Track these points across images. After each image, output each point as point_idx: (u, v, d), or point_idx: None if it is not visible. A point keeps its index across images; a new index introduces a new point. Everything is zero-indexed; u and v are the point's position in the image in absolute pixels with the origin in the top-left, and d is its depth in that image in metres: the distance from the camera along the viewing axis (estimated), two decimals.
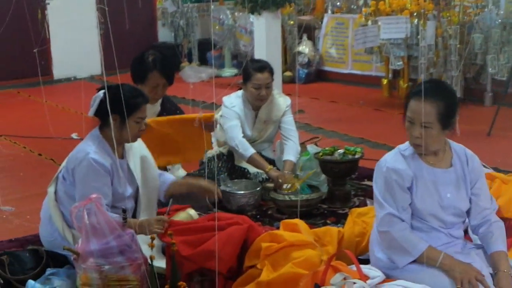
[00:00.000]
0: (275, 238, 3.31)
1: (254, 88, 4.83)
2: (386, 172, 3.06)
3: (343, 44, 10.07)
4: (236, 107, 4.91)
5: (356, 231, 3.69)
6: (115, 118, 3.40)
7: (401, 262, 3.02)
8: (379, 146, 6.33)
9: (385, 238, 3.06)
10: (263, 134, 5.08)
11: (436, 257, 2.96)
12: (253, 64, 4.94)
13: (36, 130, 7.25)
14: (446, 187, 3.08)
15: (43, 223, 3.69)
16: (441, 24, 7.84)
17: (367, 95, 9.07)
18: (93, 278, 2.97)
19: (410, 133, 3.08)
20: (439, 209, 3.07)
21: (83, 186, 3.39)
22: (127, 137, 3.48)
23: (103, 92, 3.41)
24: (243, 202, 4.58)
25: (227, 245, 3.26)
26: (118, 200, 3.53)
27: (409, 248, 2.99)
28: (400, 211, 3.03)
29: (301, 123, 7.48)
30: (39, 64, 9.52)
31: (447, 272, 2.92)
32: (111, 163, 3.45)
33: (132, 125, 3.46)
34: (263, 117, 5.02)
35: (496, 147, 6.11)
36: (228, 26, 10.84)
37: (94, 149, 3.44)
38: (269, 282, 3.08)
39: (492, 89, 8.00)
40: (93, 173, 3.38)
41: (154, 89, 4.44)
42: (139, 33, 11.65)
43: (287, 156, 4.86)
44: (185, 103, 6.93)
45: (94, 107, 3.45)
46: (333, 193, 4.76)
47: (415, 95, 3.00)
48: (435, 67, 7.90)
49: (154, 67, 4.42)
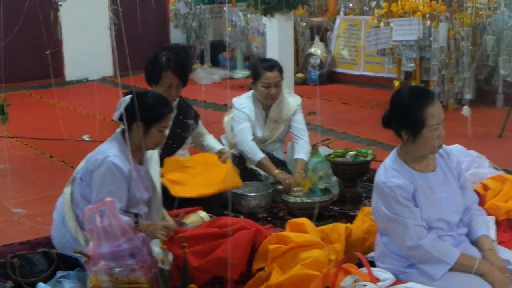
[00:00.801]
0: (282, 239, 3.30)
1: (263, 86, 4.84)
2: (389, 192, 3.00)
3: (355, 45, 10.05)
4: (246, 108, 4.92)
5: (364, 228, 3.70)
6: (139, 125, 3.39)
7: (437, 273, 2.95)
8: (391, 148, 6.19)
9: (417, 253, 2.98)
10: (274, 133, 5.09)
11: (472, 263, 2.95)
12: (262, 63, 4.98)
13: (48, 132, 7.28)
14: (440, 188, 3.08)
15: (55, 224, 3.68)
16: (454, 26, 7.81)
17: (379, 97, 9.03)
18: (104, 281, 2.98)
19: (436, 137, 2.99)
20: (441, 211, 3.06)
21: (99, 189, 3.38)
22: (148, 144, 3.49)
23: (130, 97, 3.39)
24: (254, 205, 4.58)
25: (236, 251, 3.26)
26: (133, 204, 3.53)
27: (444, 257, 2.95)
28: (421, 222, 3.00)
29: (313, 124, 7.47)
30: (51, 65, 9.58)
31: (485, 276, 2.92)
32: (129, 168, 3.44)
33: (155, 134, 3.46)
34: (274, 116, 5.03)
35: (508, 149, 6.07)
36: (241, 27, 10.85)
37: (115, 152, 3.43)
38: (279, 285, 3.08)
39: (503, 91, 7.96)
40: (111, 176, 3.38)
41: (168, 89, 4.45)
42: (151, 35, 11.67)
43: (298, 154, 4.90)
44: (197, 104, 6.95)
45: (120, 111, 3.41)
46: (345, 195, 4.75)
47: (428, 102, 2.97)
48: (447, 69, 7.87)
49: (168, 67, 4.44)
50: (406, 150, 3.09)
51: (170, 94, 4.45)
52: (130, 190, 3.48)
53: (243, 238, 3.32)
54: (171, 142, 4.61)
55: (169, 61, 4.45)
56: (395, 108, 3.07)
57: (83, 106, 8.66)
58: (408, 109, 2.96)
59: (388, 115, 3.08)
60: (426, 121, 2.94)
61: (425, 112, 2.94)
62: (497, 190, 3.77)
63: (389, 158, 3.15)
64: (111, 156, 3.39)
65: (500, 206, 3.60)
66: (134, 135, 3.41)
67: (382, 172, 3.10)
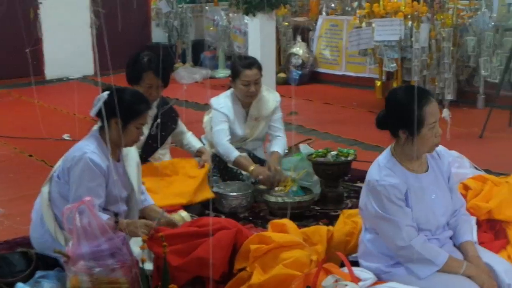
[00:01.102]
0: (264, 239, 3.29)
1: (243, 84, 4.84)
2: (382, 190, 2.99)
3: (337, 46, 10.07)
4: (224, 108, 4.90)
5: (345, 231, 3.69)
6: (117, 122, 3.38)
7: (425, 273, 2.97)
8: (372, 148, 6.33)
9: (406, 253, 2.99)
10: (255, 131, 5.08)
11: (460, 265, 2.98)
12: (241, 61, 4.97)
13: (27, 131, 7.21)
14: (431, 190, 3.09)
15: (34, 224, 3.65)
16: (435, 27, 7.86)
17: (360, 97, 9.08)
18: (84, 281, 2.95)
19: (434, 135, 3.01)
20: (430, 213, 3.07)
21: (77, 186, 3.37)
22: (125, 141, 3.47)
23: (107, 94, 3.38)
24: (236, 204, 4.58)
25: (216, 250, 3.24)
26: (112, 202, 3.52)
27: (433, 259, 2.96)
28: (412, 222, 3.01)
29: (294, 124, 7.47)
30: (31, 64, 9.50)
31: (473, 278, 2.95)
32: (107, 164, 3.44)
33: (132, 131, 3.45)
34: (254, 114, 5.03)
35: (488, 149, 6.12)
36: (222, 27, 10.83)
37: (92, 148, 3.42)
38: (261, 285, 3.07)
39: (484, 92, 8.02)
40: (89, 173, 3.37)
41: (149, 90, 4.41)
42: (133, 34, 11.61)
43: (274, 147, 4.99)
44: (179, 104, 6.92)
45: (97, 107, 3.41)
46: (326, 195, 4.75)
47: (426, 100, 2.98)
48: (428, 69, 7.91)
49: (149, 68, 4.40)
50: (401, 150, 3.09)
51: (151, 94, 4.41)
52: (107, 188, 3.46)
53: (224, 238, 3.30)
54: (151, 142, 4.58)
55: (150, 62, 4.41)
56: (392, 108, 3.06)
57: (63, 105, 8.59)
58: (407, 109, 2.95)
59: (384, 116, 3.08)
60: (425, 120, 2.95)
61: (424, 111, 2.95)
62: (478, 190, 3.78)
63: (383, 157, 3.15)
64: (89, 153, 3.38)
65: (481, 206, 3.62)
66: (112, 132, 3.41)
67: (375, 170, 3.09)
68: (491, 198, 3.73)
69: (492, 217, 3.67)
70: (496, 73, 7.59)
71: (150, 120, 4.55)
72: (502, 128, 6.95)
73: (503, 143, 6.49)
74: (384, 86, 8.93)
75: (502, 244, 3.54)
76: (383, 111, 3.11)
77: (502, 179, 3.94)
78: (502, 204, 3.68)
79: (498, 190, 3.78)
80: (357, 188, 5.10)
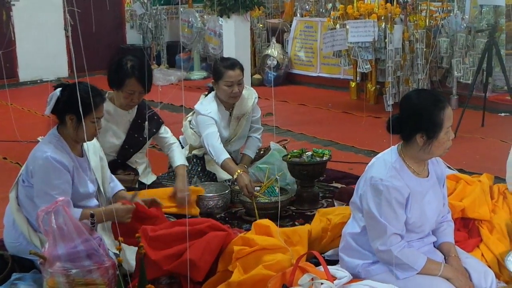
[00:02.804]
0: (247, 242, 3.32)
1: (226, 85, 4.84)
2: (385, 191, 2.99)
3: (312, 47, 10.12)
4: (212, 113, 4.89)
5: (320, 227, 3.76)
6: (72, 118, 3.41)
7: (403, 275, 3.03)
8: (347, 149, 6.37)
9: (385, 256, 3.04)
10: (238, 130, 5.10)
11: (437, 268, 3.03)
12: (223, 62, 4.96)
13: (1, 134, 7.15)
14: (430, 194, 3.14)
15: (6, 229, 3.64)
16: (408, 28, 7.93)
17: (335, 98, 9.13)
18: (60, 282, 2.94)
19: (448, 139, 3.05)
20: (425, 218, 3.11)
21: (44, 185, 3.38)
22: (83, 136, 3.47)
23: (59, 91, 3.41)
24: (212, 205, 4.58)
25: (205, 253, 3.28)
26: (80, 198, 3.53)
27: (411, 263, 3.01)
28: (402, 229, 3.04)
29: (270, 125, 7.49)
30: (4, 66, 9.39)
31: (451, 280, 3.01)
32: (70, 161, 3.45)
33: (88, 125, 3.44)
34: (236, 114, 5.05)
35: (461, 149, 6.18)
36: (197, 29, 10.82)
37: (52, 148, 3.43)
38: (240, 283, 3.10)
39: (457, 92, 8.10)
40: (53, 171, 3.38)
41: (130, 96, 4.34)
42: (107, 35, 11.58)
43: (247, 151, 5.11)
44: (154, 105, 6.89)
45: (51, 106, 3.44)
46: (301, 195, 4.77)
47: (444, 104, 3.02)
48: (402, 70, 7.98)
49: (132, 74, 4.30)
50: (411, 153, 3.09)
51: (132, 100, 4.36)
52: (74, 185, 3.48)
53: (214, 241, 3.33)
54: (128, 147, 4.51)
55: (134, 68, 4.30)
56: (409, 113, 3.04)
57: (37, 107, 8.50)
58: (427, 113, 2.98)
59: (397, 120, 3.05)
60: (443, 124, 2.99)
61: (442, 115, 2.98)
62: (451, 189, 3.83)
63: (390, 155, 3.12)
64: (50, 152, 3.40)
65: (455, 204, 3.66)
66: (68, 128, 3.45)
67: (381, 168, 3.08)
68: (464, 197, 3.78)
69: (465, 216, 3.73)
70: (469, 74, 7.67)
71: (128, 124, 4.50)
72: (475, 128, 7.03)
73: (476, 143, 6.57)
74: (358, 87, 9.00)
75: (476, 242, 3.60)
76: (395, 115, 3.09)
77: (475, 178, 3.99)
78: (475, 203, 3.73)
79: (471, 189, 3.84)
80: (332, 188, 5.14)
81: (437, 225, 3.25)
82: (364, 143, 6.50)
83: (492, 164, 5.42)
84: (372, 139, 6.47)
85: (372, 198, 3.03)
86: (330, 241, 3.69)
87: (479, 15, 7.83)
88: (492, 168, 4.98)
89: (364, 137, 6.74)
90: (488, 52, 6.90)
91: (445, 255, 3.18)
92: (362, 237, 3.16)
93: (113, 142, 4.45)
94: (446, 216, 3.31)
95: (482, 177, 4.00)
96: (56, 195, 3.33)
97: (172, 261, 3.26)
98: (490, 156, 6.00)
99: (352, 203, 3.25)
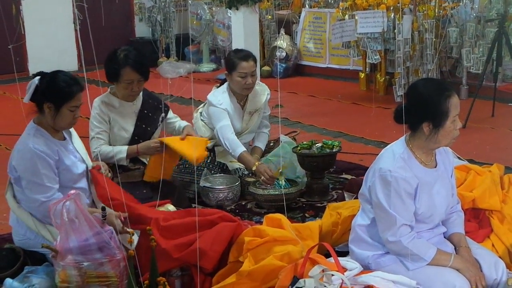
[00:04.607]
0: (259, 233, 3.33)
1: (240, 77, 4.86)
2: (393, 182, 2.99)
3: (321, 38, 10.09)
4: (223, 104, 4.91)
5: (331, 221, 3.76)
6: (49, 106, 3.43)
7: (413, 266, 3.04)
8: (357, 140, 6.37)
9: (395, 247, 3.05)
10: (250, 125, 5.12)
11: (447, 259, 3.03)
12: (236, 54, 4.98)
13: (12, 128, 7.16)
14: (438, 185, 3.13)
15: (14, 228, 3.66)
16: (417, 18, 7.90)
17: (344, 89, 9.11)
18: (72, 275, 2.96)
19: (455, 128, 3.03)
20: (434, 208, 3.11)
21: (32, 175, 3.40)
22: (60, 125, 3.51)
23: (38, 79, 3.43)
24: (222, 197, 4.59)
25: (216, 243, 3.29)
26: (75, 180, 3.58)
27: (421, 254, 3.02)
28: (411, 220, 3.04)
29: (280, 117, 7.49)
30: (14, 60, 9.45)
31: (460, 271, 3.01)
32: (53, 147, 3.48)
33: (66, 113, 3.46)
34: (249, 109, 5.07)
35: (471, 140, 6.17)
36: (206, 21, 10.83)
37: (32, 138, 3.46)
38: (250, 273, 3.10)
39: (467, 82, 8.07)
40: (39, 161, 3.40)
41: (129, 85, 4.33)
42: (116, 29, 11.59)
43: (257, 143, 5.14)
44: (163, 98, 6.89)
45: (29, 94, 3.45)
46: (312, 186, 4.78)
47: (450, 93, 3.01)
48: (411, 61, 7.96)
49: (126, 63, 4.28)
50: (419, 143, 3.09)
51: (132, 90, 4.35)
52: (65, 167, 3.50)
53: (224, 232, 3.35)
54: (137, 138, 4.49)
55: (127, 57, 4.29)
56: (416, 101, 3.03)
57: None
58: (433, 102, 2.98)
59: (404, 110, 3.01)
60: (450, 112, 2.98)
61: (449, 103, 2.98)
62: (461, 180, 3.82)
63: (398, 146, 3.13)
64: (31, 143, 3.43)
65: (465, 195, 3.66)
66: (46, 116, 3.47)
67: (389, 159, 3.07)
68: (474, 187, 3.77)
69: (476, 206, 3.72)
70: (479, 63, 7.65)
71: (134, 116, 4.50)
72: (485, 119, 7.01)
73: (486, 133, 6.55)
74: (368, 78, 8.98)
75: (486, 233, 3.59)
76: (402, 104, 3.08)
77: (485, 169, 3.98)
78: (485, 193, 3.72)
79: (481, 179, 3.82)
80: (342, 180, 5.14)
81: (447, 215, 3.25)
82: (373, 134, 6.49)
83: (503, 154, 5.41)
84: (382, 130, 6.46)
85: (381, 190, 3.03)
86: (341, 235, 3.68)
87: (488, 5, 7.79)
88: (503, 158, 4.98)
89: (373, 128, 6.73)
90: (498, 41, 6.87)
91: (455, 246, 3.18)
92: (372, 229, 3.17)
93: (123, 135, 4.45)
94: (455, 207, 3.31)
95: (493, 167, 3.99)
96: (47, 184, 3.38)
97: (182, 250, 3.28)
98: (500, 146, 5.99)
99: (361, 195, 3.25)
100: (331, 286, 2.79)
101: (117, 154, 4.31)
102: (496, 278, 3.05)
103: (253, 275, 3.10)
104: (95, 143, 4.34)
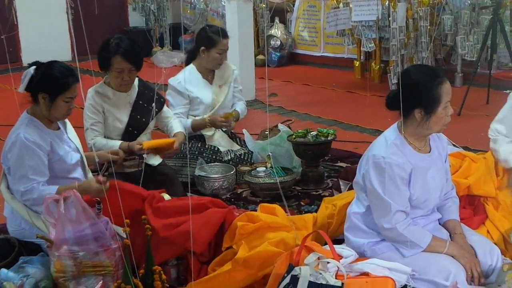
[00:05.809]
0: (251, 218, 3.35)
1: (219, 53, 4.99)
2: (387, 168, 2.99)
3: (315, 27, 10.07)
4: (181, 82, 5.01)
5: (327, 214, 3.75)
6: (44, 97, 3.42)
7: (408, 253, 3.05)
8: (352, 128, 6.37)
9: (391, 234, 3.05)
10: (221, 97, 5.16)
11: (442, 246, 3.04)
12: (213, 29, 5.10)
13: (6, 118, 7.14)
14: (432, 170, 3.14)
15: (8, 219, 3.66)
16: (412, 6, 7.88)
17: (339, 77, 9.11)
18: (68, 265, 2.96)
19: (446, 114, 3.04)
20: (428, 194, 3.12)
21: (17, 166, 3.40)
22: (54, 115, 3.50)
23: (33, 68, 3.41)
24: (217, 186, 4.60)
25: (204, 227, 3.30)
26: (70, 170, 3.57)
27: (417, 241, 3.02)
28: (406, 206, 3.04)
29: (274, 106, 7.49)
30: (7, 51, 9.40)
31: (455, 257, 3.02)
32: (45, 137, 3.47)
33: (61, 104, 3.46)
34: (218, 82, 5.15)
35: (466, 127, 6.18)
36: (200, 10, 10.79)
37: (24, 127, 3.44)
38: (246, 260, 3.12)
39: (462, 70, 8.07)
40: (27, 152, 3.39)
41: (120, 74, 4.28)
42: (109, 18, 11.54)
43: (235, 107, 5.24)
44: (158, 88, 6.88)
45: (24, 83, 3.43)
46: (307, 175, 4.78)
47: (442, 79, 3.01)
48: (406, 49, 7.95)
49: (116, 52, 4.24)
50: (411, 129, 3.09)
51: (123, 79, 4.31)
52: (58, 159, 3.49)
53: (214, 217, 3.37)
54: (131, 129, 4.47)
55: (119, 46, 4.25)
56: (408, 88, 2.97)
57: None
58: (424, 88, 2.98)
59: (396, 96, 2.99)
60: (441, 98, 2.98)
61: (441, 89, 2.98)
62: (456, 167, 3.83)
63: (391, 133, 3.13)
64: (22, 132, 3.41)
65: (460, 182, 3.66)
66: (40, 107, 3.46)
67: (382, 146, 3.07)
68: (469, 174, 3.78)
69: (471, 193, 3.73)
70: (473, 51, 7.64)
71: (129, 107, 4.46)
72: (479, 106, 7.01)
73: (480, 121, 6.54)
74: (363, 66, 8.97)
75: (481, 219, 3.60)
76: (394, 91, 3.09)
77: (480, 156, 3.98)
78: (480, 180, 3.73)
79: (476, 166, 3.83)
80: (337, 168, 5.15)
81: (442, 201, 3.26)
82: (368, 122, 6.49)
83: None
84: (377, 118, 6.45)
85: (375, 176, 3.03)
86: (338, 226, 3.65)
87: None
88: None
89: (368, 116, 6.73)
90: (493, 29, 6.86)
91: (451, 233, 3.19)
92: (367, 217, 3.17)
93: (117, 126, 4.42)
94: (450, 192, 3.32)
95: (487, 154, 3.99)
96: (31, 176, 3.37)
97: (170, 229, 3.30)
98: None
99: (355, 183, 3.25)
100: (327, 273, 2.79)
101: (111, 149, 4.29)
102: (491, 264, 3.06)
103: (249, 262, 3.11)
104: (90, 134, 4.32)
